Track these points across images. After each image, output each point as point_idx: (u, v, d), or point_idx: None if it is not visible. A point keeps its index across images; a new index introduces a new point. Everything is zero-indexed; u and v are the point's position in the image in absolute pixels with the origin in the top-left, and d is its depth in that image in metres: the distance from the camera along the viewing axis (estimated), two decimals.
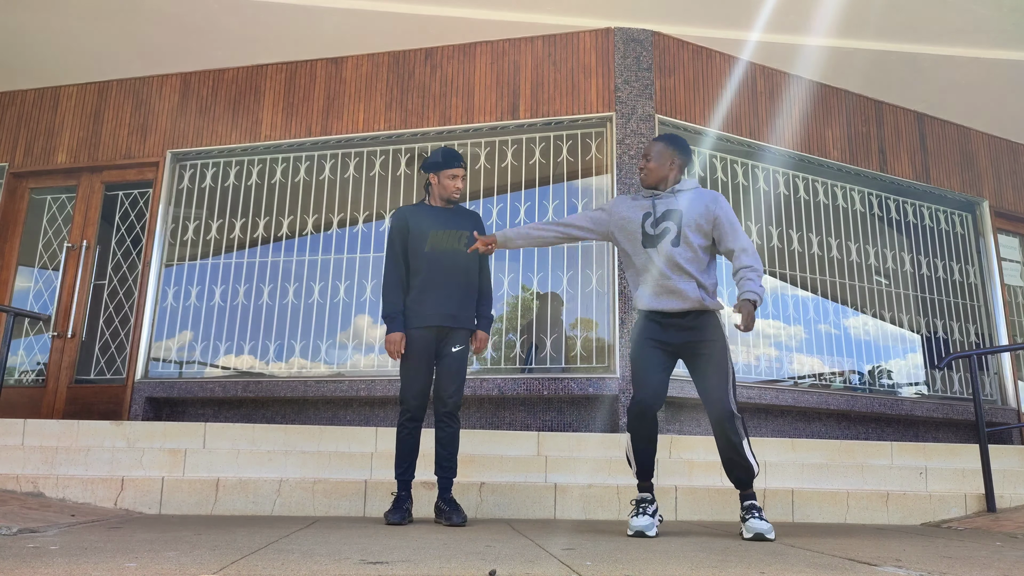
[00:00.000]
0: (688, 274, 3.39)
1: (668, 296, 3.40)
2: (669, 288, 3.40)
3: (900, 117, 7.13)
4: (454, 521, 3.53)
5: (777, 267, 6.36)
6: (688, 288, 3.38)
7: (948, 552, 2.78)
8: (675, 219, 3.44)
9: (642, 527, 3.20)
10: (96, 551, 2.31)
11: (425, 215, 3.84)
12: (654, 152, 3.55)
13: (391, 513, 3.60)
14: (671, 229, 3.43)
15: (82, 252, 6.77)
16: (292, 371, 6.12)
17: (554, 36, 6.23)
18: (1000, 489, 4.86)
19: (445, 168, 3.84)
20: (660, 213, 3.48)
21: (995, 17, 5.89)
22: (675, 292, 3.39)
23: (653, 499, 3.36)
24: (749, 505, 3.25)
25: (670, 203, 3.48)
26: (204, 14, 6.08)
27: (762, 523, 3.15)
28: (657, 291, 3.42)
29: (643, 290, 3.48)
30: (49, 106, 7.12)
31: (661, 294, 3.41)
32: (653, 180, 3.53)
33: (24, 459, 4.46)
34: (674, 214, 3.45)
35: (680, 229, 3.42)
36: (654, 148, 3.56)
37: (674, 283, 3.39)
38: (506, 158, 6.20)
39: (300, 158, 6.59)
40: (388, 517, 3.59)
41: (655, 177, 3.53)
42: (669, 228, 3.44)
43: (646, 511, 3.29)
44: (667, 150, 3.53)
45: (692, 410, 5.75)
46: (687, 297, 3.38)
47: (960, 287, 7.13)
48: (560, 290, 5.86)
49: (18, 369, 6.67)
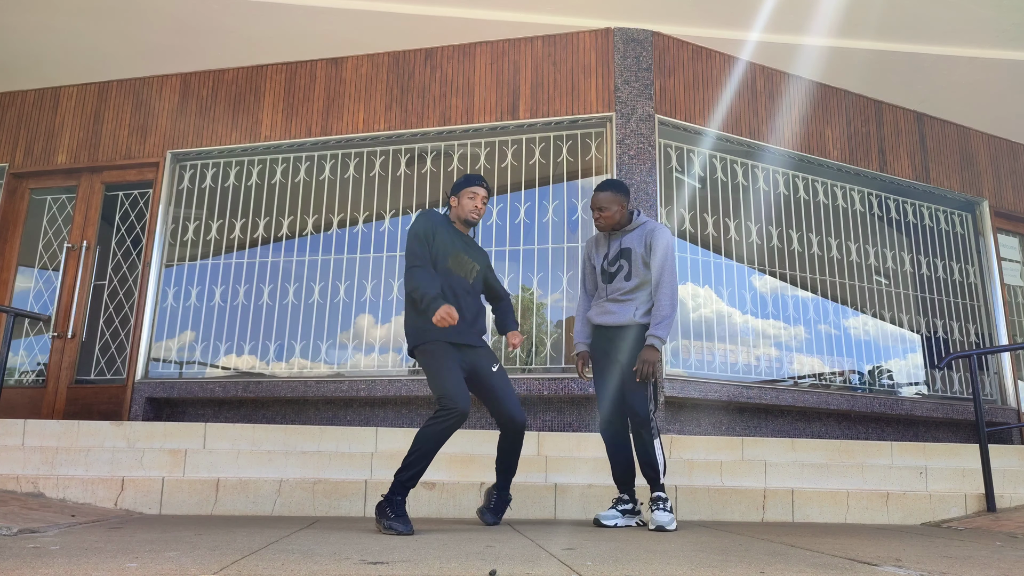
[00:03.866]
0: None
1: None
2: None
3: (900, 117, 7.13)
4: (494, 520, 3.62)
5: (777, 267, 6.36)
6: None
7: (948, 552, 2.78)
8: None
9: (600, 515, 3.62)
10: (96, 551, 2.31)
11: (450, 231, 3.64)
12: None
13: (402, 522, 3.13)
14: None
15: (82, 252, 6.78)
16: (292, 371, 6.12)
17: (554, 36, 6.23)
18: (1000, 489, 4.86)
19: (466, 187, 3.66)
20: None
21: (995, 17, 5.89)
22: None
23: (628, 499, 3.72)
24: (655, 497, 3.59)
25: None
26: (204, 14, 6.08)
27: (664, 515, 3.50)
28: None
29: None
30: (49, 106, 7.12)
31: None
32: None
33: (24, 459, 4.46)
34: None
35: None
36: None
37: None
38: (506, 158, 6.20)
39: (300, 158, 6.59)
40: (397, 526, 3.10)
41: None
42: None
43: (615, 506, 3.69)
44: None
45: (692, 410, 5.75)
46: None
47: (960, 287, 7.13)
48: (560, 290, 5.86)
49: (18, 369, 6.67)
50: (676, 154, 6.17)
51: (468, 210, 3.65)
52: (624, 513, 3.66)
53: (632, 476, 3.76)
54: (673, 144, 6.16)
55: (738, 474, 4.75)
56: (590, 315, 3.88)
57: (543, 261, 5.95)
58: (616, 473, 3.77)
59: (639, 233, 3.78)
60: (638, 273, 3.72)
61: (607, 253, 3.84)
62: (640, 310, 3.71)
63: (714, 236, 6.16)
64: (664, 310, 3.63)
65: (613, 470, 3.77)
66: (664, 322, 3.61)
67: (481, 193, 3.67)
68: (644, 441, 3.60)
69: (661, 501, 3.56)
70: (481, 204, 3.67)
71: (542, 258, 5.95)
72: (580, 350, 3.90)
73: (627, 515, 3.66)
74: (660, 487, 3.63)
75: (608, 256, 3.83)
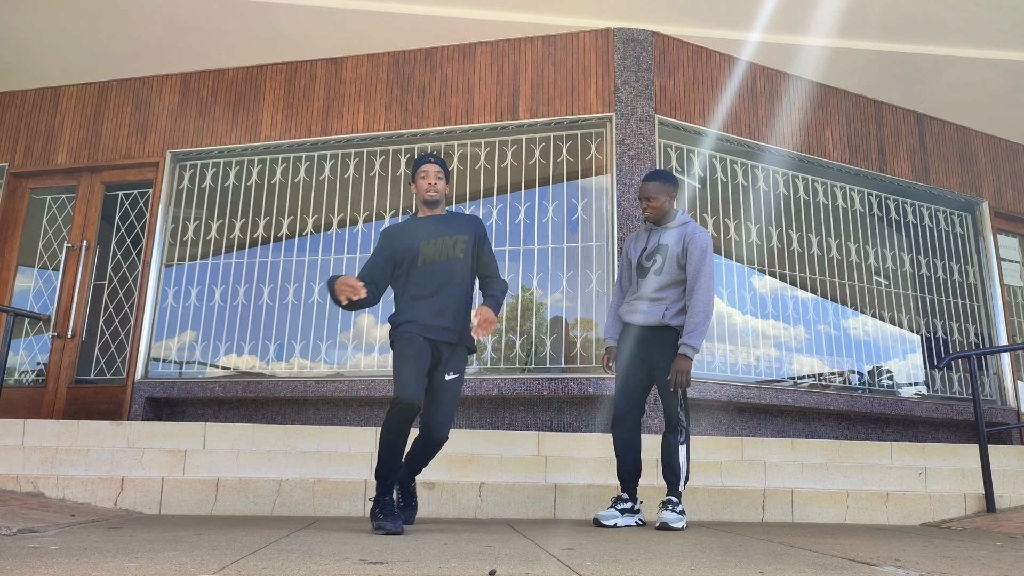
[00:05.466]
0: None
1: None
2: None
3: (900, 117, 7.13)
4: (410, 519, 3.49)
5: (777, 267, 6.36)
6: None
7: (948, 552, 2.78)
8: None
9: (599, 515, 3.57)
10: (96, 551, 2.31)
11: (415, 225, 3.52)
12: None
13: (391, 520, 3.11)
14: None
15: (82, 252, 6.78)
16: (292, 371, 6.12)
17: (554, 36, 6.23)
18: (1000, 489, 4.86)
19: (416, 168, 3.55)
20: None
21: (995, 17, 5.90)
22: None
23: (628, 499, 3.68)
24: (668, 500, 3.60)
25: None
26: (204, 14, 6.08)
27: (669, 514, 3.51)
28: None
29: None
30: (49, 106, 7.12)
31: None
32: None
33: (24, 459, 4.46)
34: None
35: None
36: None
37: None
38: (506, 158, 6.20)
39: (300, 158, 6.59)
40: (386, 525, 3.08)
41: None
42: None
43: (615, 505, 3.65)
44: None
45: (692, 410, 5.75)
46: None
47: (960, 287, 7.13)
48: (560, 290, 5.86)
49: (18, 369, 6.67)
50: (676, 154, 6.17)
51: (422, 190, 3.52)
52: (623, 512, 3.64)
53: (636, 476, 3.74)
54: (673, 144, 6.16)
55: (738, 474, 4.75)
56: (621, 311, 3.86)
57: (543, 261, 5.95)
58: (621, 471, 3.72)
59: (679, 232, 3.74)
60: (671, 271, 3.68)
61: (644, 247, 3.80)
62: (671, 311, 3.66)
63: (714, 236, 6.16)
64: (698, 317, 3.58)
65: (619, 467, 3.73)
66: (697, 330, 3.57)
67: (431, 170, 3.51)
68: (671, 445, 3.60)
69: (672, 504, 3.55)
70: (434, 179, 3.51)
71: (542, 258, 5.96)
72: (608, 344, 3.91)
73: (626, 514, 3.65)
74: (677, 492, 3.60)
75: (646, 250, 3.79)
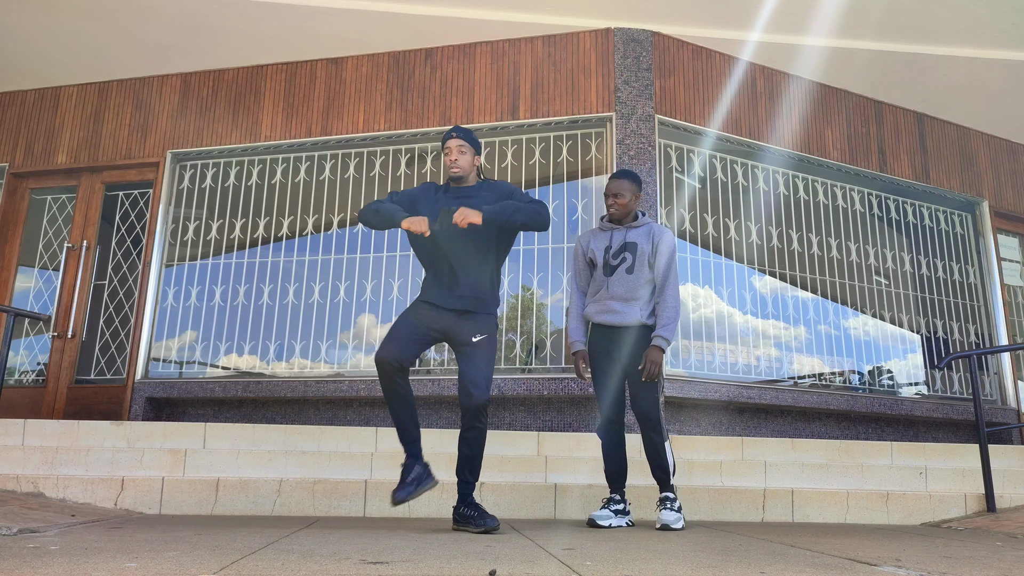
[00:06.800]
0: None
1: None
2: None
3: (900, 117, 7.13)
4: (488, 526, 3.21)
5: (777, 267, 6.36)
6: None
7: (948, 552, 2.78)
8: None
9: (594, 515, 3.60)
10: (96, 551, 2.31)
11: (442, 193, 3.50)
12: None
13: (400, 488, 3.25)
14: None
15: (82, 252, 6.77)
16: (292, 371, 6.12)
17: (554, 36, 6.23)
18: (1000, 489, 4.86)
19: (442, 147, 3.52)
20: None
21: (995, 17, 5.90)
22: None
23: (619, 500, 3.71)
24: (664, 497, 3.63)
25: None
26: (204, 14, 6.08)
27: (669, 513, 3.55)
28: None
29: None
30: (49, 106, 7.12)
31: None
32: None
33: (24, 459, 4.46)
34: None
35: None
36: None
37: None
38: (506, 158, 6.20)
39: (300, 158, 6.59)
40: (395, 495, 3.23)
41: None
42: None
43: (608, 506, 3.68)
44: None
45: (692, 410, 5.75)
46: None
47: (960, 287, 7.13)
48: (560, 290, 5.86)
49: (18, 369, 6.67)
50: (676, 154, 6.17)
51: (446, 166, 3.49)
52: (616, 513, 3.67)
53: (624, 477, 3.76)
54: (673, 144, 6.16)
55: (738, 474, 4.75)
56: (589, 313, 3.82)
57: (543, 261, 5.95)
58: (612, 471, 3.75)
59: (645, 231, 3.78)
60: (642, 270, 3.73)
61: (609, 246, 3.80)
62: (645, 311, 3.71)
63: (714, 236, 6.16)
64: (669, 312, 3.67)
65: (607, 468, 3.75)
66: (671, 324, 3.66)
67: (453, 145, 3.46)
68: (655, 443, 3.62)
69: (669, 501, 3.60)
70: (456, 155, 3.45)
71: (542, 258, 5.96)
72: (578, 349, 3.84)
73: (619, 515, 3.67)
74: (670, 487, 3.65)
75: (611, 248, 3.79)
